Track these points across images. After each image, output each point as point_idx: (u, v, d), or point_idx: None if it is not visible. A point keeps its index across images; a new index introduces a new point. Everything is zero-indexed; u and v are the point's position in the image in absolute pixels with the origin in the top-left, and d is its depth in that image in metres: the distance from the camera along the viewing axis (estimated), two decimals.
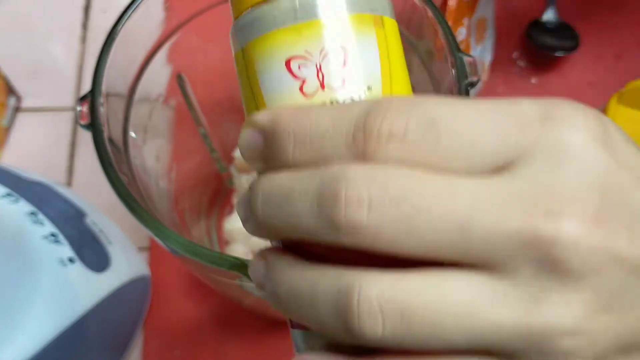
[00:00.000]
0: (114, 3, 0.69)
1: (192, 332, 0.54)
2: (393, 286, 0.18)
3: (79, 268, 0.44)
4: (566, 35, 0.65)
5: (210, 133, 0.51)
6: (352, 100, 0.21)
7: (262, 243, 0.50)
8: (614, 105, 0.47)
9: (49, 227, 0.45)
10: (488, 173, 0.18)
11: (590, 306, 0.18)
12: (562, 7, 0.68)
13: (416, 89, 0.43)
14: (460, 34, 0.52)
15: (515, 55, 0.66)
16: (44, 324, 0.41)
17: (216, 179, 0.55)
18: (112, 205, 0.42)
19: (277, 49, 0.22)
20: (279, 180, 0.20)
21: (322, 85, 0.21)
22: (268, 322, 0.54)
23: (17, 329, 0.40)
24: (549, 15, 0.66)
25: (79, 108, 0.35)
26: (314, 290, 0.19)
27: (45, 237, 0.44)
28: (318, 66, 0.21)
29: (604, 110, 0.47)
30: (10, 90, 0.63)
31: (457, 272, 0.18)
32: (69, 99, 0.65)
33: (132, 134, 0.39)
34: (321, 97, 0.21)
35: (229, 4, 0.25)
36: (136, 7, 0.38)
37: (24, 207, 0.45)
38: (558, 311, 0.18)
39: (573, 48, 0.64)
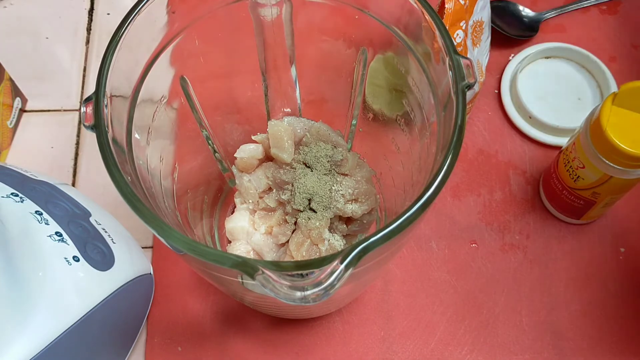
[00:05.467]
0: (118, 6, 0.70)
1: (194, 328, 0.55)
2: None
3: (83, 266, 0.45)
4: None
5: (213, 134, 0.51)
6: None
7: (264, 242, 0.50)
8: (608, 106, 0.47)
9: (54, 227, 0.45)
10: None
11: None
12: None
13: (414, 91, 0.43)
14: (458, 36, 0.52)
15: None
16: (50, 321, 0.42)
17: (218, 179, 0.55)
18: (116, 205, 0.43)
19: None
20: None
21: None
22: (269, 318, 0.55)
23: (24, 327, 0.40)
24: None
25: (83, 109, 0.35)
26: None
27: (51, 236, 0.45)
28: None
29: (599, 111, 0.47)
30: (16, 92, 0.64)
31: None
32: (73, 101, 0.66)
33: (136, 135, 0.39)
34: None
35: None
36: (140, 10, 0.38)
37: (29, 206, 0.46)
38: None
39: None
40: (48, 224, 0.45)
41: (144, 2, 0.39)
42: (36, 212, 0.46)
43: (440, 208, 0.60)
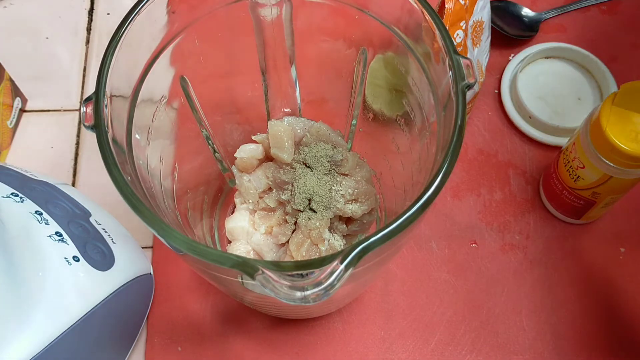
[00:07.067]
0: (118, 6, 0.70)
1: (195, 328, 0.54)
2: None
3: (83, 266, 0.45)
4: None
5: (213, 134, 0.51)
6: None
7: (264, 242, 0.50)
8: (608, 106, 0.47)
9: (54, 227, 0.45)
10: None
11: None
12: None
13: (414, 91, 0.43)
14: (458, 36, 0.52)
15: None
16: (50, 321, 0.42)
17: (218, 179, 0.55)
18: (116, 205, 0.43)
19: None
20: None
21: None
22: (269, 318, 0.55)
23: (24, 327, 0.40)
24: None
25: (83, 109, 0.35)
26: None
27: (51, 236, 0.45)
28: None
29: (599, 111, 0.47)
30: (16, 92, 0.64)
31: None
32: (73, 101, 0.66)
33: (136, 135, 0.39)
34: None
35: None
36: (140, 10, 0.38)
37: (29, 206, 0.46)
38: None
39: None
40: (48, 224, 0.45)
41: (144, 2, 0.39)
42: (36, 212, 0.46)
43: (440, 208, 0.60)
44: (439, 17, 0.38)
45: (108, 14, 0.70)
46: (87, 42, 0.69)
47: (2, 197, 0.45)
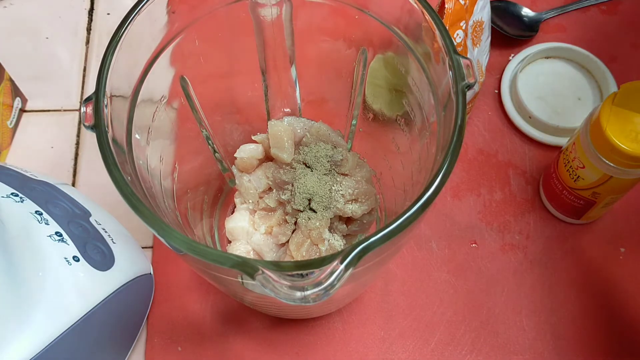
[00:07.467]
0: (118, 6, 0.70)
1: (194, 328, 0.54)
2: None
3: (83, 266, 0.45)
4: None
5: (213, 134, 0.51)
6: None
7: (264, 242, 0.50)
8: (608, 106, 0.47)
9: (54, 227, 0.45)
10: None
11: None
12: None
13: (414, 91, 0.43)
14: (458, 36, 0.52)
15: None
16: (50, 321, 0.42)
17: (218, 179, 0.55)
18: (116, 205, 0.43)
19: None
20: None
21: None
22: (269, 318, 0.55)
23: (24, 327, 0.40)
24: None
25: (83, 109, 0.35)
26: None
27: (51, 236, 0.45)
28: None
29: (599, 111, 0.48)
30: (16, 92, 0.64)
31: None
32: (73, 101, 0.66)
33: (136, 135, 0.39)
34: None
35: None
36: (140, 10, 0.38)
37: (29, 206, 0.46)
38: None
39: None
40: (48, 224, 0.45)
41: (144, 2, 0.39)
42: (36, 212, 0.46)
43: (440, 208, 0.60)
44: (439, 17, 0.38)
45: (108, 14, 0.70)
46: (87, 42, 0.69)
47: (2, 197, 0.45)
